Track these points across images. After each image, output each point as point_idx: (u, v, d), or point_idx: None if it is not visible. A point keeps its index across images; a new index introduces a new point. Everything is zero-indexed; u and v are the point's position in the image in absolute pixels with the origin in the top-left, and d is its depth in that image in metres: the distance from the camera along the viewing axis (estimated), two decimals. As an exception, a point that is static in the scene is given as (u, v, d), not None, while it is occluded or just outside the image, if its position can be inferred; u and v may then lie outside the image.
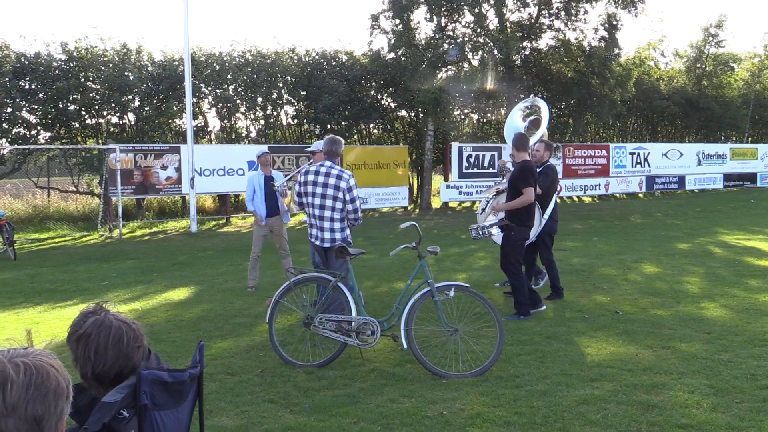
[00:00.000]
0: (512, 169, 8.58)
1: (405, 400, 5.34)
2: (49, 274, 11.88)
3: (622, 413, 4.90)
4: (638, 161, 28.23)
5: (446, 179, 25.13)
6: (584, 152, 26.90)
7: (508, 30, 23.84)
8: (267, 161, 10.07)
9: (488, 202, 9.14)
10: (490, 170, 24.00)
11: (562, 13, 24.35)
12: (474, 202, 24.54)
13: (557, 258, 12.23)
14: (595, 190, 27.25)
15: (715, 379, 5.57)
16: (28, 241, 17.24)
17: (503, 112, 27.13)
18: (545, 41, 25.63)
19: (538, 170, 8.59)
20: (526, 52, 25.30)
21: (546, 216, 8.82)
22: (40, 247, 16.31)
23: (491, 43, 22.82)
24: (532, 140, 9.19)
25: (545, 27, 24.94)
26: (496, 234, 8.16)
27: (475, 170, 24.04)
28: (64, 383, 1.59)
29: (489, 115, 27.94)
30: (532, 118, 10.38)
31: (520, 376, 5.79)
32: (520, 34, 24.36)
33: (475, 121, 28.56)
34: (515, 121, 10.61)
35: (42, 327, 8.01)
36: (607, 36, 24.72)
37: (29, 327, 7.96)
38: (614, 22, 24.71)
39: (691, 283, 9.77)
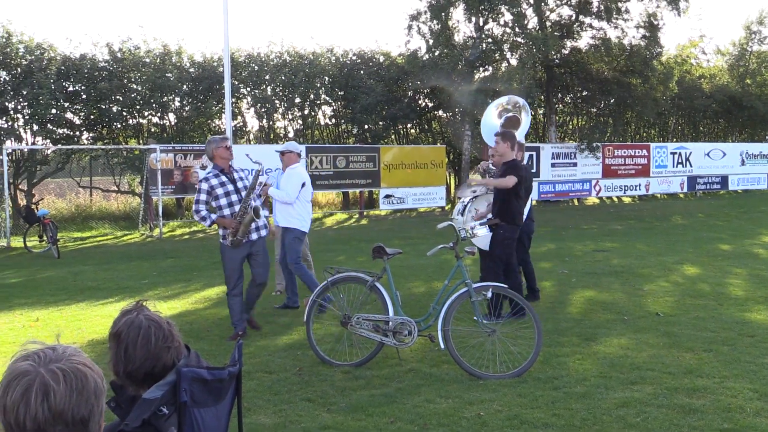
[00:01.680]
0: (493, 169, 8.40)
1: (442, 400, 5.33)
2: (91, 272, 12.10)
3: (662, 417, 4.83)
4: (680, 161, 27.75)
5: (484, 179, 24.95)
6: (624, 152, 26.52)
7: (548, 29, 23.62)
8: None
9: (465, 205, 8.95)
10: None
11: (603, 11, 24.02)
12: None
13: (597, 259, 12.18)
14: (636, 190, 26.86)
15: (758, 383, 5.45)
16: (71, 239, 17.57)
17: (541, 111, 26.90)
18: (585, 40, 25.30)
19: None
20: (566, 51, 25.01)
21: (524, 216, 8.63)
22: (82, 245, 16.62)
23: (530, 42, 22.62)
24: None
25: (585, 26, 24.64)
26: (485, 233, 7.97)
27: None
28: (100, 381, 1.63)
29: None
30: (508, 115, 10.09)
31: (558, 378, 5.74)
32: (559, 33, 24.11)
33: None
34: (491, 119, 10.30)
35: (84, 324, 8.16)
36: (648, 34, 24.32)
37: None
38: (655, 21, 24.31)
39: (733, 285, 9.58)
